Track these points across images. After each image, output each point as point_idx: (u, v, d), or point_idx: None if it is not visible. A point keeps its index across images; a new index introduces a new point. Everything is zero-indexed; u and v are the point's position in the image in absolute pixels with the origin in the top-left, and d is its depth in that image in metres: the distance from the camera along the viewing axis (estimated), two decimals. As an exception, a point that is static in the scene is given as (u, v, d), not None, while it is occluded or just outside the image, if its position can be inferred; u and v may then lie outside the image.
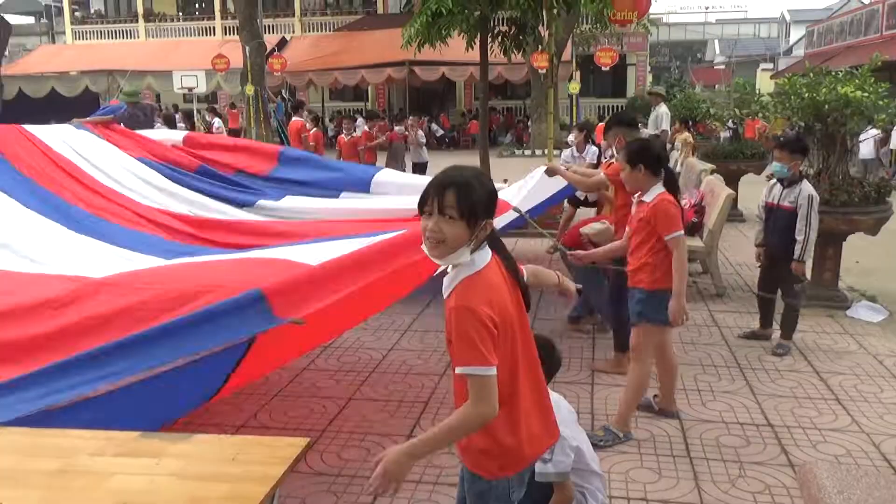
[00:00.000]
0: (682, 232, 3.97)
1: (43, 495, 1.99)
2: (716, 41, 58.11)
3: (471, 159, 20.34)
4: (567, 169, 5.99)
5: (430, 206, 2.09)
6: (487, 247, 2.18)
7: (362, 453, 4.02)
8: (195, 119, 23.82)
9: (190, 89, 25.46)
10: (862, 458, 3.95)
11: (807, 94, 6.61)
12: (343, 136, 12.53)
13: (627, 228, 4.25)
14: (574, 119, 21.88)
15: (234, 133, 22.52)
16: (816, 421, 4.41)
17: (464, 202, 2.06)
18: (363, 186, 6.60)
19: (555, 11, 9.88)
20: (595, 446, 3.98)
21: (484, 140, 10.20)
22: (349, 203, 6.67)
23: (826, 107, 6.48)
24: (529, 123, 26.41)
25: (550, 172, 5.61)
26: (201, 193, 6.64)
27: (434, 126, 29.01)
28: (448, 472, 3.80)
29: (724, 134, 17.66)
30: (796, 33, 42.97)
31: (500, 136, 29.03)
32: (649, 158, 4.01)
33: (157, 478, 2.09)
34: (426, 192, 2.12)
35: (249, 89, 21.62)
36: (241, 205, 6.49)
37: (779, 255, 5.68)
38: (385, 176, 6.83)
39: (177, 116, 20.52)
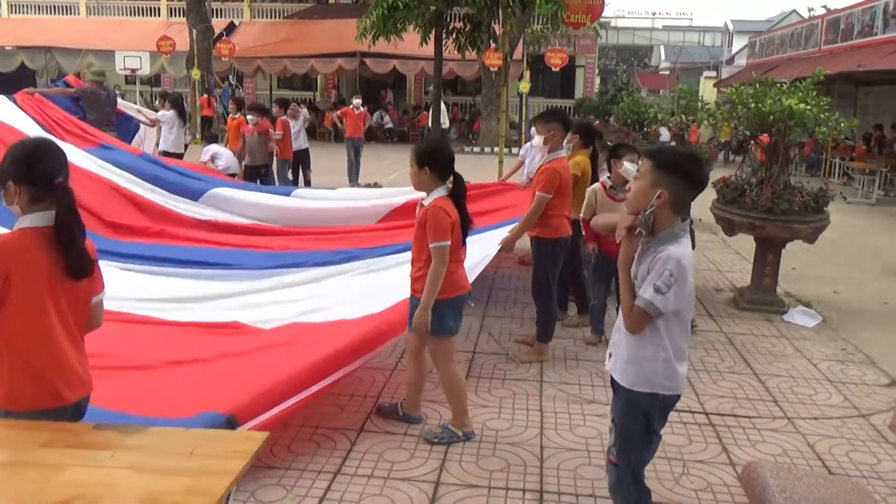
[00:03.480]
0: (448, 242, 3.77)
1: (-6, 487, 1.92)
2: (661, 47, 59.26)
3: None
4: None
5: None
6: (38, 214, 2.45)
7: (312, 447, 4.00)
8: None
9: (133, 70, 24.72)
10: (798, 458, 4.10)
11: (753, 105, 6.81)
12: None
13: None
14: (523, 118, 22.04)
15: (206, 120, 21.36)
16: (755, 421, 4.57)
17: None
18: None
19: (509, 10, 9.94)
20: (429, 443, 4.06)
21: (436, 135, 10.18)
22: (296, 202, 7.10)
23: (771, 117, 6.69)
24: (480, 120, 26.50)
25: (507, 248, 5.55)
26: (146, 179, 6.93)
27: (385, 118, 28.84)
28: (398, 467, 3.81)
29: (663, 138, 18.11)
30: (739, 43, 44.07)
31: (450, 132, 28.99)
32: (436, 161, 3.85)
33: (113, 471, 2.04)
34: None
35: (195, 73, 21.17)
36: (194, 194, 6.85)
37: None
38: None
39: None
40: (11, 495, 1.90)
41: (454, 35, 9.80)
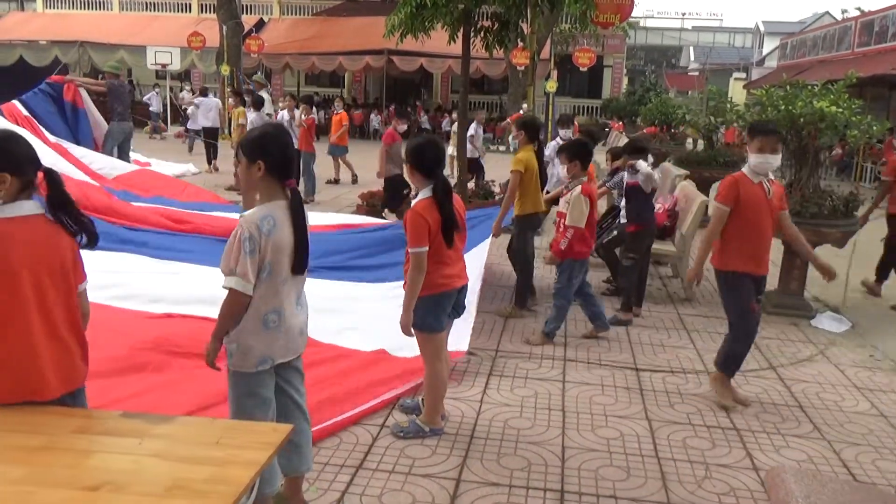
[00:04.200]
0: (425, 248, 3.73)
1: (25, 472, 1.96)
2: (691, 48, 58.77)
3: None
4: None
5: None
6: (24, 204, 2.38)
7: (335, 441, 4.02)
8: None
9: (163, 66, 25.08)
10: (823, 465, 4.06)
11: (783, 107, 6.73)
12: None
13: None
14: (549, 118, 21.94)
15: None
16: (780, 426, 4.52)
17: None
18: None
19: (538, 9, 9.90)
20: (395, 436, 4.10)
21: (462, 134, 10.20)
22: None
23: (801, 120, 6.61)
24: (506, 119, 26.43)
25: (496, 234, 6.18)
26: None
27: (423, 117, 28.94)
28: (420, 463, 3.83)
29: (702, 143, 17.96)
30: (770, 44, 43.60)
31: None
32: (419, 160, 3.80)
33: (141, 458, 2.08)
34: None
35: (225, 69, 21.36)
36: None
37: None
38: None
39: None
40: (42, 480, 1.94)
41: (482, 33, 9.77)
